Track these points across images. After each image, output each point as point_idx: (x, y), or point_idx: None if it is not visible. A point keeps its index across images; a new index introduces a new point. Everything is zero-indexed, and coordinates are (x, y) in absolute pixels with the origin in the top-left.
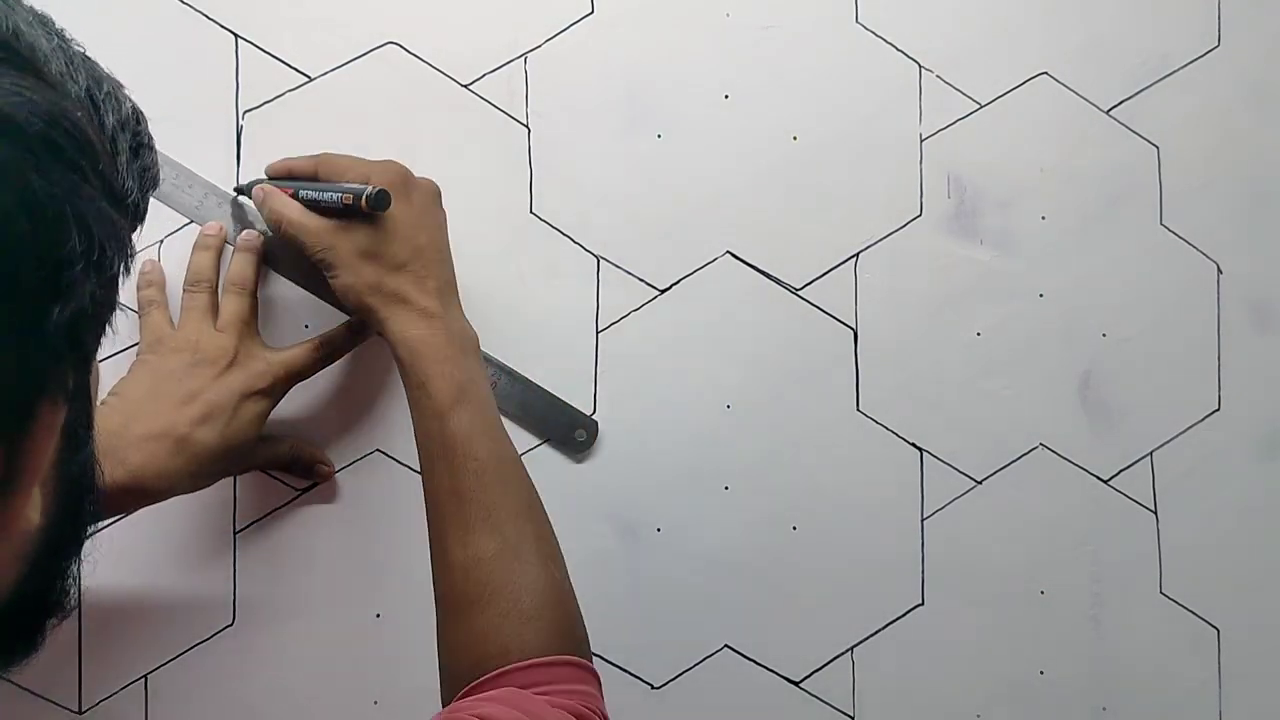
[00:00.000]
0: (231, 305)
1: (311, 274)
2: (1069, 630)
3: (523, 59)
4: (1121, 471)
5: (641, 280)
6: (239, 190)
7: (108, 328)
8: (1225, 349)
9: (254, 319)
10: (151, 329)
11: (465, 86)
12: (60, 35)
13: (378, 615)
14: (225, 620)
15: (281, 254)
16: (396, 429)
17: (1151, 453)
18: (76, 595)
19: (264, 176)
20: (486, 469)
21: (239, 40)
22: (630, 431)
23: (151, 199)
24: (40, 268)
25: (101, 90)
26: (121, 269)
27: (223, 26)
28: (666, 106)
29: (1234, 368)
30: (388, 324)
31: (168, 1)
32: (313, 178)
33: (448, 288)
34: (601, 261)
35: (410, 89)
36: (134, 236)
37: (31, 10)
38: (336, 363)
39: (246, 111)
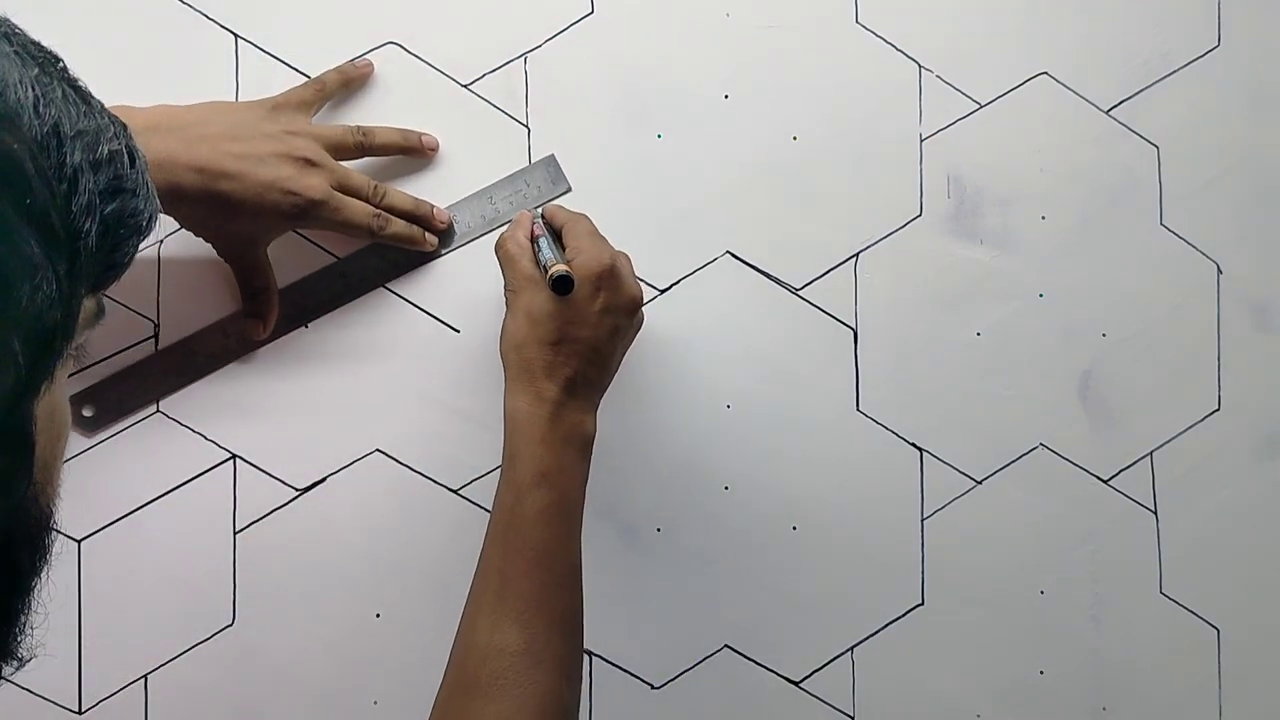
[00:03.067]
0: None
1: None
2: (1069, 630)
3: (523, 59)
4: (1121, 471)
5: (641, 280)
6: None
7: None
8: (1225, 349)
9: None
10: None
11: (465, 86)
12: (48, 69)
13: (378, 615)
14: (225, 620)
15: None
16: (396, 429)
17: (1151, 453)
18: (29, 647)
19: (537, 211)
20: (542, 562)
21: (239, 40)
22: (630, 431)
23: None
24: None
25: (74, 127)
26: (48, 310)
27: (223, 26)
28: (666, 106)
29: (1234, 368)
30: (507, 388)
31: (168, 1)
32: (560, 230)
33: (583, 384)
34: None
35: (410, 89)
36: (92, 283)
37: (30, 41)
38: (336, 363)
39: None
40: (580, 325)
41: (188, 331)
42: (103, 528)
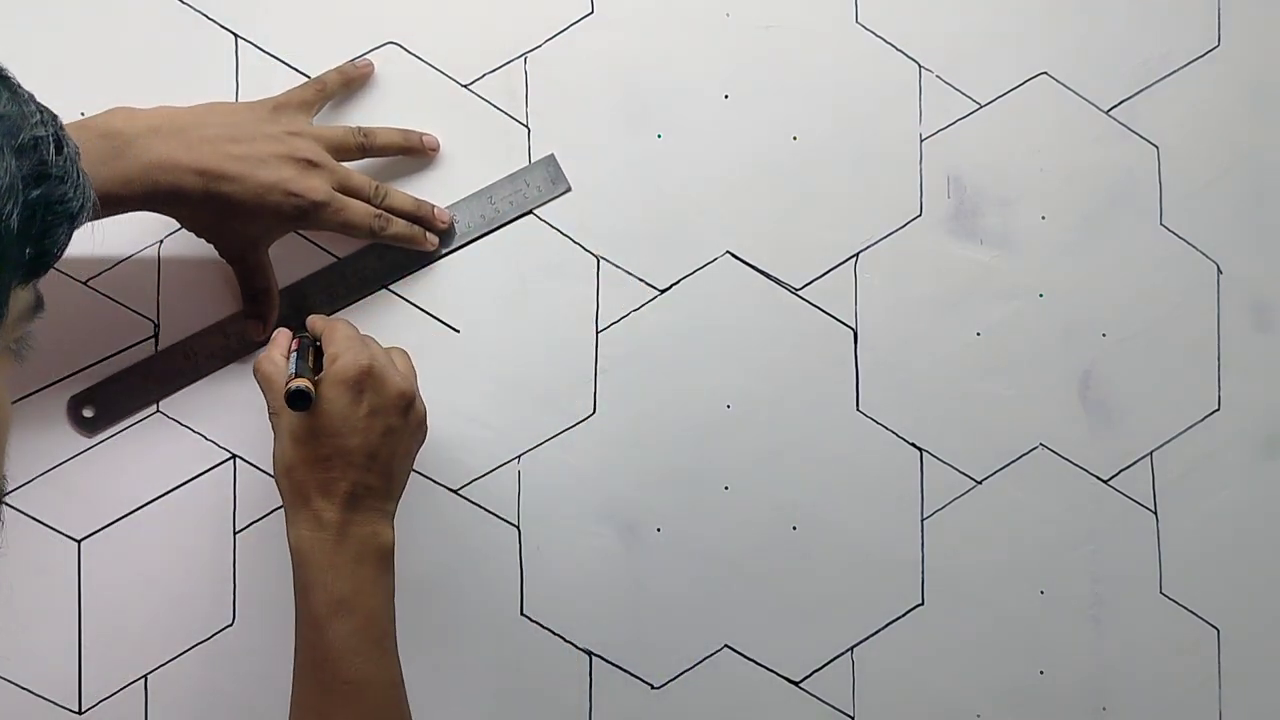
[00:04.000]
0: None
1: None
2: (1069, 630)
3: (523, 59)
4: (1121, 471)
5: (641, 280)
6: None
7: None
8: (1225, 349)
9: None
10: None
11: (465, 86)
12: None
13: None
14: (225, 620)
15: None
16: None
17: (1151, 453)
18: None
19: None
20: (361, 694)
21: (239, 40)
22: (630, 431)
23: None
24: None
25: None
26: None
27: (223, 26)
28: (666, 106)
29: (1234, 368)
30: (287, 518)
31: (168, 1)
32: (318, 339)
33: (365, 494)
34: (601, 261)
35: (410, 89)
36: (21, 272)
37: None
38: None
39: None
40: (349, 434)
41: (188, 332)
42: (102, 528)
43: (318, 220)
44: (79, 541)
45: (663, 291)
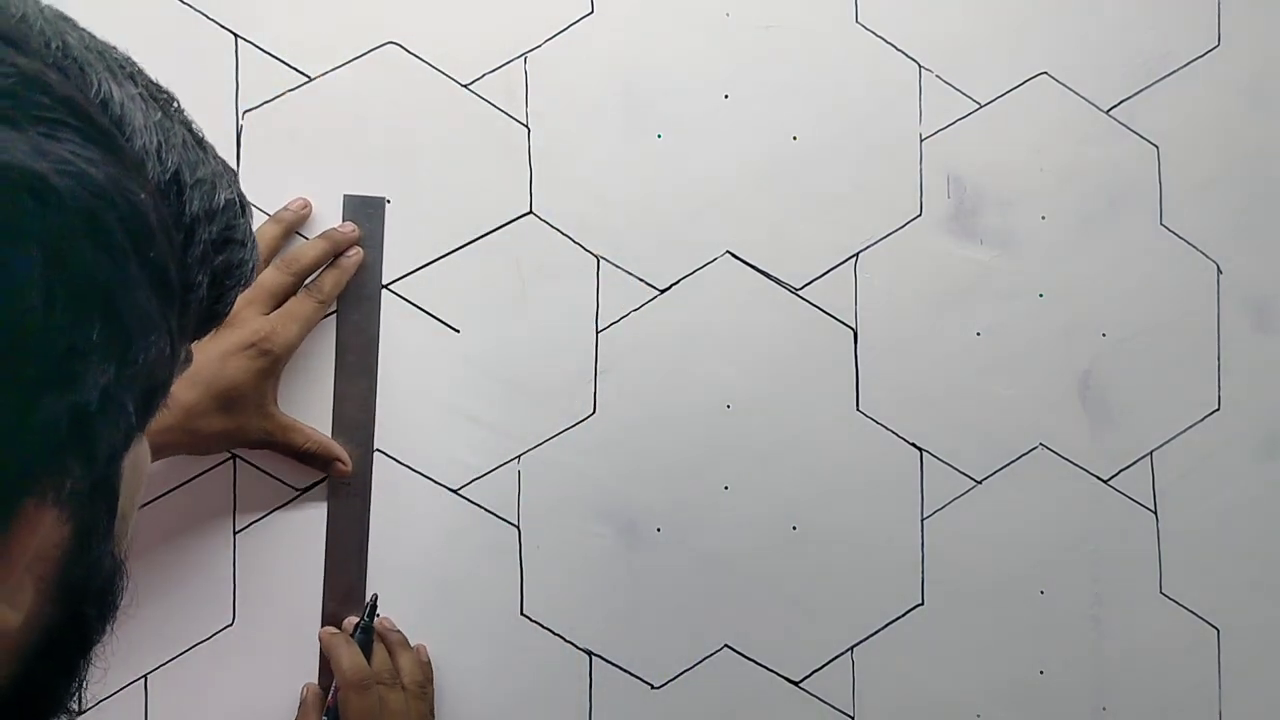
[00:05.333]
0: (264, 274)
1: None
2: (1069, 630)
3: (523, 59)
4: (1121, 471)
5: (641, 280)
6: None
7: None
8: (1225, 349)
9: (280, 294)
10: None
11: (465, 86)
12: (169, 111)
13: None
14: (225, 620)
15: None
16: (396, 429)
17: (1151, 453)
18: (80, 700)
19: (372, 619)
20: None
21: (239, 40)
22: (630, 431)
23: None
24: (44, 350)
25: (194, 175)
26: (160, 365)
27: (223, 26)
28: (666, 106)
29: (1234, 368)
30: None
31: (168, 1)
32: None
33: None
34: (601, 261)
35: (410, 89)
36: (193, 335)
37: (151, 82)
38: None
39: (246, 111)
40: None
41: None
42: None
43: (281, 343)
44: None
45: (663, 291)
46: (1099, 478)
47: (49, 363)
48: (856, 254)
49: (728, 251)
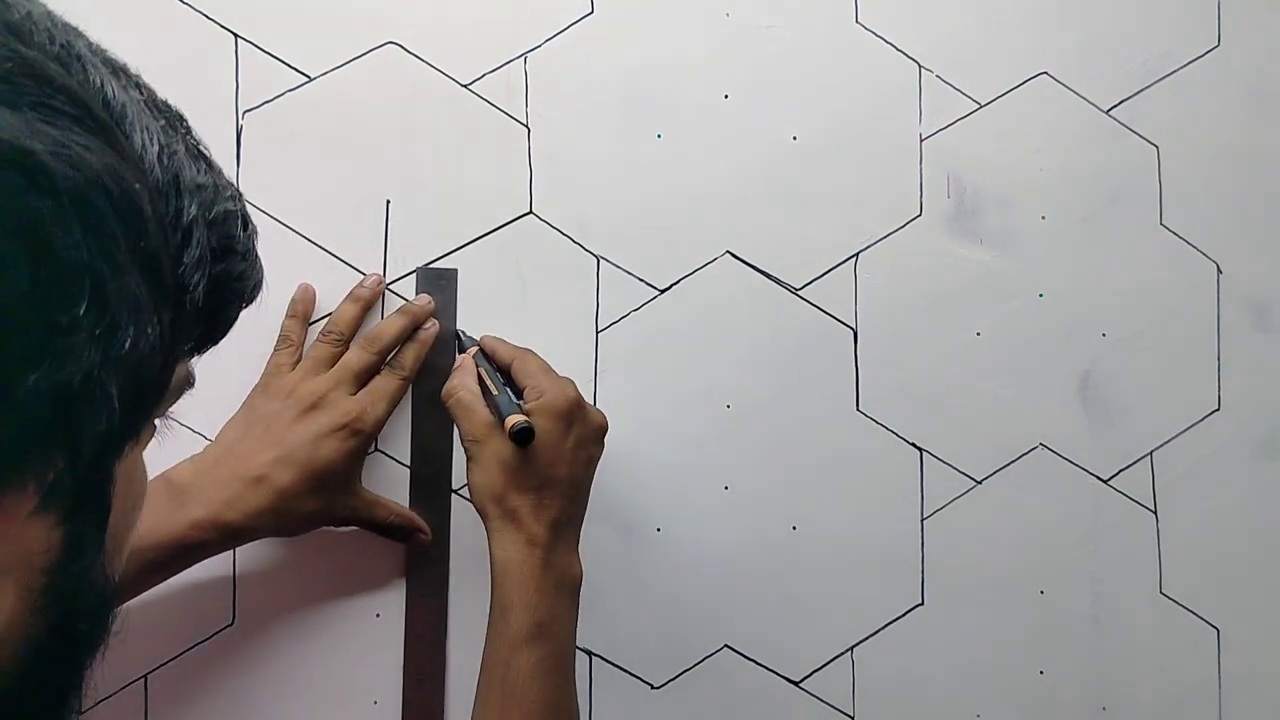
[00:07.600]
0: (348, 355)
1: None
2: (1069, 630)
3: (523, 59)
4: (1121, 471)
5: (641, 280)
6: (458, 335)
7: (138, 429)
8: (1225, 349)
9: (364, 373)
10: (270, 368)
11: (465, 86)
12: (174, 123)
13: (378, 615)
14: (225, 620)
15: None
16: (397, 429)
17: (1151, 453)
18: (73, 713)
19: (476, 341)
20: (548, 717)
21: (239, 40)
22: (630, 431)
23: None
24: (28, 326)
25: (194, 182)
26: (148, 359)
27: (223, 26)
28: (666, 106)
29: (1234, 368)
30: (492, 537)
31: (168, 1)
32: (507, 368)
33: (565, 524)
34: (601, 261)
35: (410, 89)
36: (192, 344)
37: (159, 99)
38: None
39: (246, 111)
40: (558, 464)
41: None
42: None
43: (372, 422)
44: None
45: (663, 291)
46: (1099, 478)
47: (32, 339)
48: (856, 254)
49: (728, 251)
